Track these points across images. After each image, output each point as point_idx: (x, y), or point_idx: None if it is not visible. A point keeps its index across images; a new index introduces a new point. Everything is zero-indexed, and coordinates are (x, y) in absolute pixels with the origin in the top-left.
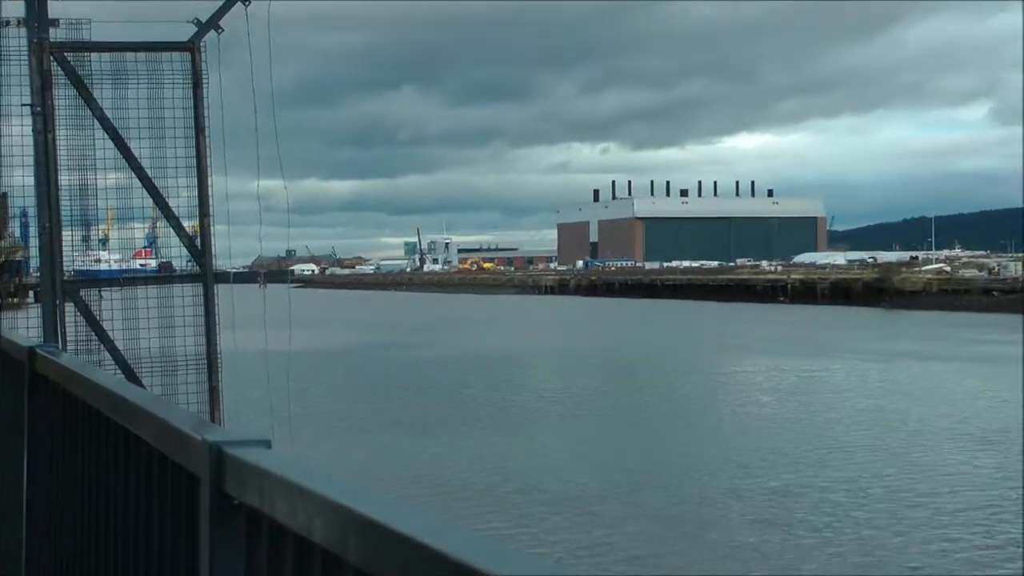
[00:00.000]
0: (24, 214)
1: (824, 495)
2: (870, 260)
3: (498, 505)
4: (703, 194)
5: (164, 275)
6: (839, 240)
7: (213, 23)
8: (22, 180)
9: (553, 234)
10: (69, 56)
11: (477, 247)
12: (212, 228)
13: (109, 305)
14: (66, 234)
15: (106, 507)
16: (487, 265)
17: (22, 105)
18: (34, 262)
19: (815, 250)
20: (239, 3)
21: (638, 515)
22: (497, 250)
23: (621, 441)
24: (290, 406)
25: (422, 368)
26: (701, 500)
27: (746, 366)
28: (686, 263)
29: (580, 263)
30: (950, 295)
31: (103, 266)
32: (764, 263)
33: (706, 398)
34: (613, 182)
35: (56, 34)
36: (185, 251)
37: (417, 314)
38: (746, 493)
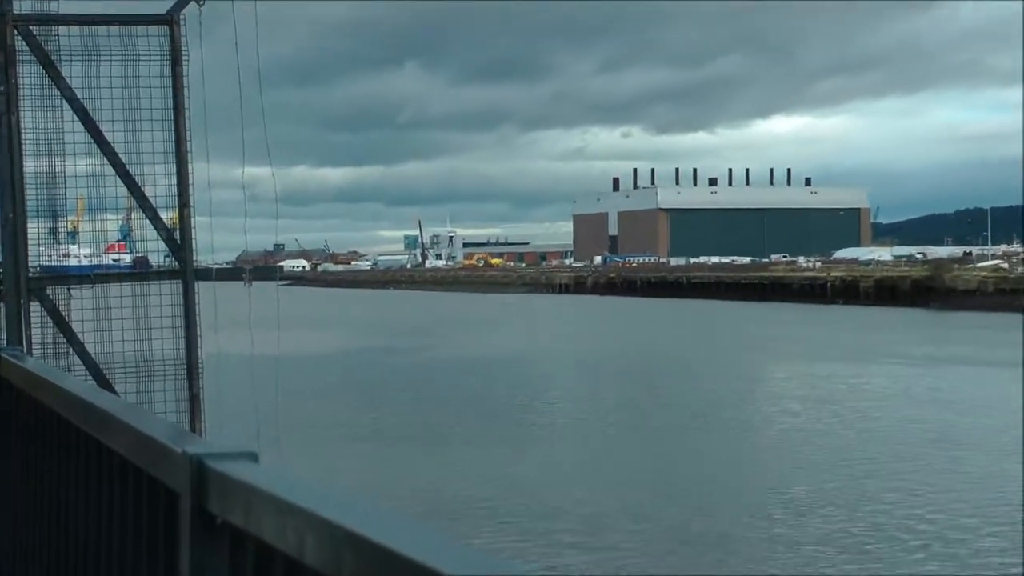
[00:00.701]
0: None
1: (857, 512)
2: (919, 256)
3: (505, 522)
4: (734, 183)
5: (140, 271)
6: (885, 234)
7: None
8: None
9: (568, 227)
10: (35, 30)
11: (484, 241)
12: (192, 220)
13: (79, 304)
14: (31, 226)
15: (76, 526)
16: (495, 261)
17: None
18: None
19: (858, 245)
20: None
21: (656, 533)
22: (506, 244)
23: (640, 453)
24: (278, 415)
25: (423, 373)
26: (724, 517)
27: (779, 372)
28: (715, 259)
29: (598, 259)
30: (1008, 295)
31: (72, 261)
32: (801, 259)
33: (734, 407)
34: (635, 170)
35: (20, 6)
36: (163, 245)
37: (418, 314)
38: (775, 510)
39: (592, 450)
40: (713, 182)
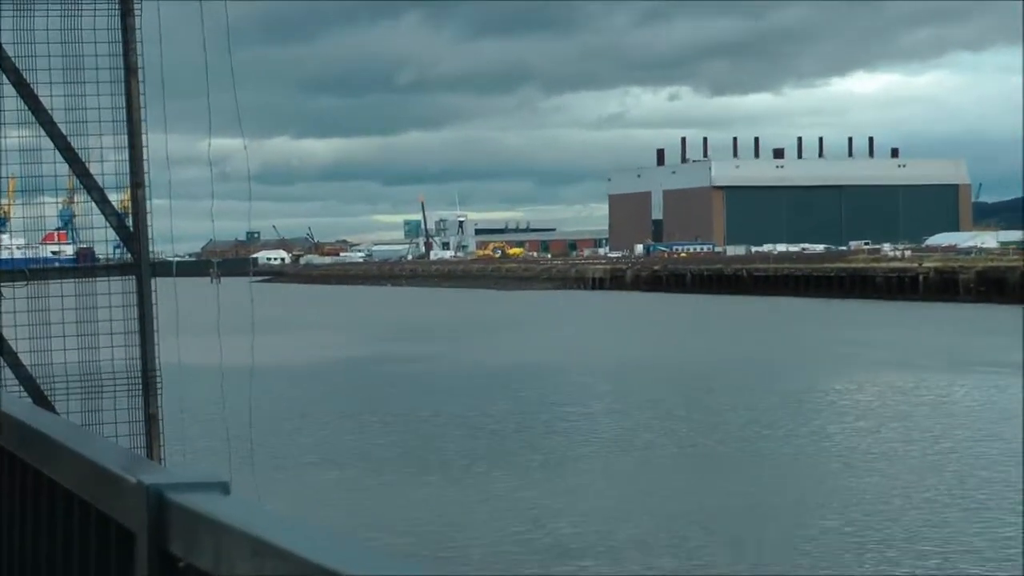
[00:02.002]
0: None
1: (936, 546)
2: None
3: (522, 566)
4: (804, 155)
5: (84, 265)
6: (988, 216)
7: None
8: None
9: (603, 209)
10: None
11: (501, 227)
12: (148, 203)
13: (11, 306)
14: None
15: (10, 572)
16: (514, 251)
17: None
18: None
19: (956, 229)
20: None
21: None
22: (528, 231)
23: (685, 483)
24: (252, 438)
25: (425, 387)
26: (776, 553)
27: (855, 384)
28: (781, 247)
29: (639, 248)
30: None
31: (4, 254)
32: (887, 247)
33: (799, 425)
34: (683, 139)
35: None
36: (112, 233)
37: (420, 316)
38: (836, 547)
39: (630, 478)
40: (779, 154)
